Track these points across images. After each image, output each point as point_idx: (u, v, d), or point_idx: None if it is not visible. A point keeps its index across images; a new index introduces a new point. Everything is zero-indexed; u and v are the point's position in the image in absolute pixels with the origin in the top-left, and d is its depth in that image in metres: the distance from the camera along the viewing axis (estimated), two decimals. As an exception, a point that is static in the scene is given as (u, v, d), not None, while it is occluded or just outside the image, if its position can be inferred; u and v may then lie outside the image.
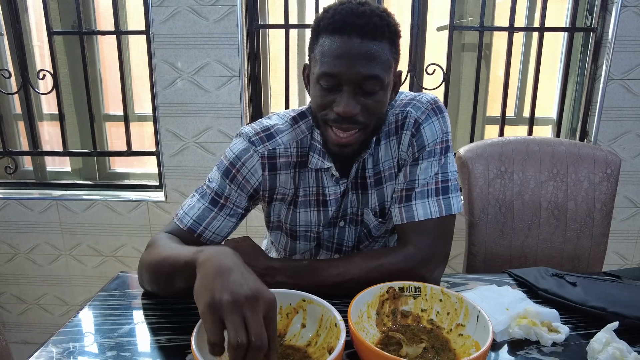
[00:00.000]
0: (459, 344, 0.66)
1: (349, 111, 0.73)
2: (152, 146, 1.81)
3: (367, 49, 0.72)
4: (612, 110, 1.61)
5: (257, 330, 0.49)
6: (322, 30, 0.75)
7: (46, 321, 1.96)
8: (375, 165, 0.89)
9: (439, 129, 0.85)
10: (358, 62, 0.72)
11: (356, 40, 0.72)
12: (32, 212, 1.79)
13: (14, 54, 1.76)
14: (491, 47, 1.74)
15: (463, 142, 1.78)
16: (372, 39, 0.72)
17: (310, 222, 0.93)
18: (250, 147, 0.86)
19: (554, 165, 1.21)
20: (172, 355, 0.65)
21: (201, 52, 1.60)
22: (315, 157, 0.86)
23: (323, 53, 0.74)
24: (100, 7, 1.77)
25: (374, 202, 0.91)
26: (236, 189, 0.86)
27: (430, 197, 0.84)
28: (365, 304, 0.69)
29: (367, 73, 0.72)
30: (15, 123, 1.90)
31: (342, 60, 0.72)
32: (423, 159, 0.85)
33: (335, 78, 0.73)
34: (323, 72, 0.74)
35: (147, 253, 0.79)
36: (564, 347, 0.68)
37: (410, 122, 0.86)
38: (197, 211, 0.86)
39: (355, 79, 0.73)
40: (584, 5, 1.65)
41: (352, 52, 0.72)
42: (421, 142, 0.85)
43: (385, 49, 0.74)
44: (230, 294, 0.50)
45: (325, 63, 0.73)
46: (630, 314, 0.71)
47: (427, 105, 0.86)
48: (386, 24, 0.74)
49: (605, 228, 1.23)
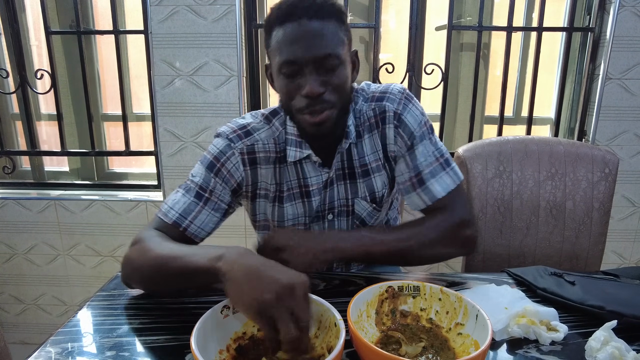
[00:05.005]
0: (458, 343, 0.66)
1: (315, 90, 0.76)
2: (150, 146, 1.81)
3: (318, 28, 0.76)
4: (610, 109, 1.62)
5: (305, 316, 0.55)
6: (274, 23, 0.78)
7: (44, 321, 1.95)
8: (361, 157, 0.92)
9: (418, 112, 0.90)
10: (312, 42, 0.75)
11: (305, 22, 0.75)
12: (30, 212, 1.79)
13: (11, 53, 1.75)
14: (489, 47, 1.75)
15: (462, 142, 1.78)
16: (320, 18, 0.76)
17: (297, 215, 0.94)
18: (229, 144, 0.88)
19: (552, 165, 1.22)
20: (172, 355, 0.65)
21: (199, 51, 1.59)
22: (292, 149, 0.89)
23: (279, 43, 0.77)
24: (98, 7, 1.77)
25: (363, 192, 0.93)
26: (220, 182, 0.88)
27: (439, 173, 0.89)
28: (365, 303, 0.69)
29: (323, 51, 0.76)
30: (13, 123, 1.90)
31: (297, 45, 0.76)
32: (417, 144, 0.89)
33: (295, 63, 0.76)
34: (283, 61, 0.77)
35: (138, 251, 0.78)
36: (562, 346, 0.68)
37: (390, 115, 0.89)
38: (183, 205, 0.86)
39: (314, 59, 0.76)
40: (582, 5, 1.66)
41: (304, 34, 0.75)
42: (408, 130, 0.89)
43: (334, 27, 0.78)
44: (270, 293, 0.54)
45: (283, 52, 0.77)
46: (629, 313, 0.71)
47: (400, 96, 0.90)
48: (330, 4, 0.79)
49: (603, 227, 1.23)
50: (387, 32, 1.79)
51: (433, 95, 1.72)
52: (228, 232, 1.72)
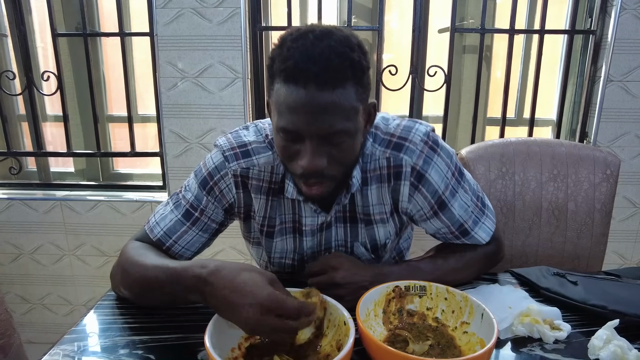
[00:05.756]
0: (463, 341, 0.67)
1: (313, 166, 0.65)
2: (155, 147, 1.82)
3: (327, 100, 0.62)
4: (611, 111, 1.63)
5: (295, 314, 0.56)
6: (276, 74, 0.65)
7: (50, 321, 1.97)
8: (365, 206, 0.84)
9: (444, 166, 0.80)
10: (318, 117, 0.63)
11: (313, 91, 0.61)
12: (36, 212, 1.80)
13: (18, 55, 1.77)
14: (492, 49, 1.76)
15: (464, 143, 1.79)
16: (332, 87, 0.62)
17: (286, 250, 0.89)
18: (224, 163, 0.81)
19: (554, 166, 1.23)
20: (184, 353, 0.66)
21: (205, 54, 1.61)
22: (292, 186, 0.79)
23: (279, 103, 0.65)
24: (104, 9, 1.78)
25: (363, 238, 0.88)
26: (213, 200, 0.83)
27: (481, 218, 0.87)
28: (372, 303, 0.70)
29: (330, 128, 0.64)
30: (19, 124, 1.91)
31: (299, 116, 0.63)
32: (450, 201, 0.82)
33: (296, 133, 0.65)
34: (281, 128, 0.66)
35: (121, 267, 0.77)
36: (565, 344, 0.69)
37: (407, 170, 0.79)
38: (169, 223, 0.82)
39: (317, 134, 0.64)
40: (583, 7, 1.67)
41: (309, 107, 0.62)
42: (432, 189, 0.80)
43: (349, 94, 0.64)
44: (252, 308, 0.56)
45: (282, 117, 0.65)
46: (630, 312, 0.73)
47: (422, 147, 0.79)
48: (349, 64, 0.63)
49: (604, 228, 1.24)
50: (389, 32, 1.81)
51: (436, 97, 1.73)
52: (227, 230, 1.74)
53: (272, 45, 0.67)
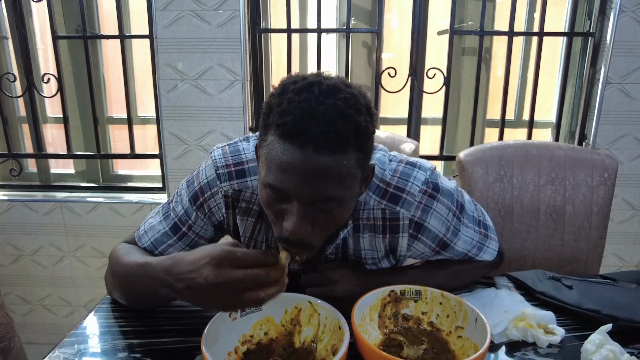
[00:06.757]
0: (458, 346, 0.68)
1: (299, 232, 0.59)
2: (155, 149, 1.83)
3: (324, 165, 0.55)
4: (610, 113, 1.63)
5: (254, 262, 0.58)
6: (271, 126, 0.58)
7: (50, 322, 1.98)
8: (357, 250, 0.80)
9: (444, 210, 0.76)
10: (311, 182, 0.56)
11: (310, 153, 0.55)
12: (37, 214, 1.81)
13: (18, 57, 1.78)
14: (491, 51, 1.76)
15: (463, 145, 1.80)
16: (331, 152, 0.55)
17: None
18: (216, 180, 0.77)
19: (552, 169, 1.23)
20: (181, 357, 0.67)
21: (204, 56, 1.62)
22: None
23: (270, 159, 0.58)
24: (104, 11, 1.79)
25: None
26: (202, 217, 0.80)
27: (485, 244, 0.86)
28: (368, 307, 0.71)
29: (322, 194, 0.58)
30: (20, 126, 1.92)
31: (291, 177, 0.56)
32: (454, 240, 0.80)
33: (284, 193, 0.59)
34: (268, 184, 0.59)
35: (113, 263, 0.78)
36: (559, 349, 0.70)
37: (405, 224, 0.76)
38: (156, 234, 0.81)
39: (307, 199, 0.58)
40: (582, 10, 1.67)
41: (303, 170, 0.56)
42: (432, 235, 0.77)
43: (349, 161, 0.57)
44: (206, 266, 0.57)
45: (271, 173, 0.58)
46: (624, 316, 0.73)
47: (420, 197, 0.74)
48: (353, 128, 0.56)
49: (602, 231, 1.25)
50: (389, 33, 1.81)
51: (435, 99, 1.74)
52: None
53: (272, 88, 0.62)
